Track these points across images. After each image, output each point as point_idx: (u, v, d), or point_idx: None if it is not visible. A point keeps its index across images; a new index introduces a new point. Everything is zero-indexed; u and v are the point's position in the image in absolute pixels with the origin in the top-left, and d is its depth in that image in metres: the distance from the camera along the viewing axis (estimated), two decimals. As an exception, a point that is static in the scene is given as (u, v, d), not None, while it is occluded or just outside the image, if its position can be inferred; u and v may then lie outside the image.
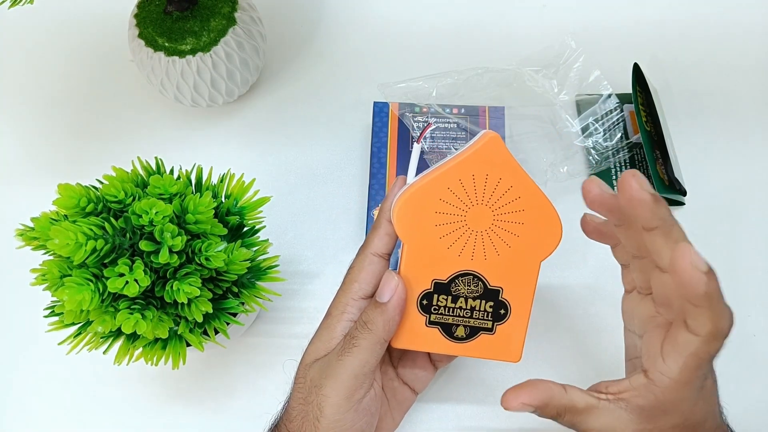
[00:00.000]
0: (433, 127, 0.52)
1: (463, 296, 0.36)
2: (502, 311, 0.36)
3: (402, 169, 0.51)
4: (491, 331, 0.37)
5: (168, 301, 0.37)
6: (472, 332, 0.37)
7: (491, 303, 0.36)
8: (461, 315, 0.36)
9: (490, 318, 0.36)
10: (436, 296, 0.36)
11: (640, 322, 0.35)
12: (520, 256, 0.35)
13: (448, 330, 0.36)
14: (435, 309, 0.36)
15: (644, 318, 0.34)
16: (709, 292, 0.29)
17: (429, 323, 0.36)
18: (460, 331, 0.37)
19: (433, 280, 0.35)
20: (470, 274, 0.35)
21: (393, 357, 0.41)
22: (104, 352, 0.39)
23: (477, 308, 0.36)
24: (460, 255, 0.35)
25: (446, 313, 0.36)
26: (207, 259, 0.37)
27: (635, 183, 0.30)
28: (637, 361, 0.35)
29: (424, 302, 0.36)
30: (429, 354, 0.41)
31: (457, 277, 0.35)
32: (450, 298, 0.36)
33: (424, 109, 0.53)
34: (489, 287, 0.36)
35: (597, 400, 0.33)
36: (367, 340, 0.34)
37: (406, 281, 0.35)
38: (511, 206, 0.34)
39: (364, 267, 0.37)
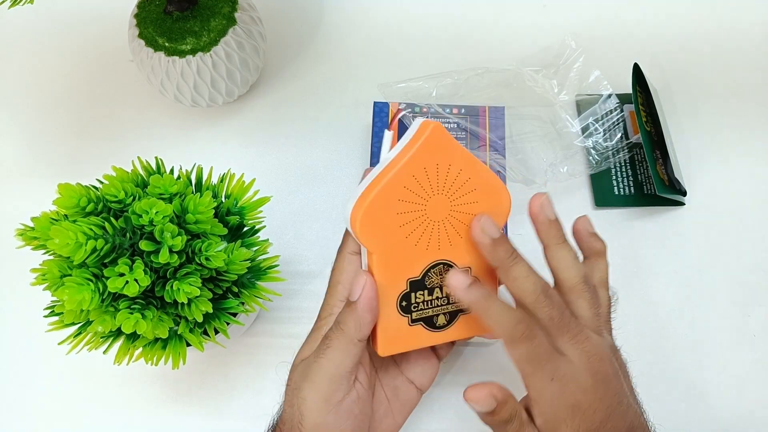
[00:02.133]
0: (403, 113, 0.52)
1: (437, 286, 0.36)
2: None
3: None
4: (468, 310, 0.37)
5: (168, 300, 0.37)
6: (452, 317, 0.37)
7: None
8: (439, 304, 0.37)
9: None
10: (413, 295, 0.36)
11: None
12: None
13: (430, 322, 0.37)
14: (414, 307, 0.36)
15: None
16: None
17: (411, 322, 0.36)
18: (441, 320, 0.37)
19: (407, 279, 0.36)
20: (440, 263, 0.36)
21: (395, 355, 0.41)
22: (104, 352, 0.39)
23: None
24: (428, 248, 0.35)
25: (425, 307, 0.36)
26: (207, 259, 0.37)
27: (477, 226, 0.35)
28: None
29: (404, 303, 0.36)
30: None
31: (429, 269, 0.36)
32: (426, 291, 0.36)
33: (424, 109, 0.53)
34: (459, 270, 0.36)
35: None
36: (339, 340, 0.34)
37: (381, 287, 0.35)
38: (464, 188, 0.35)
39: (344, 268, 0.37)
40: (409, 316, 0.36)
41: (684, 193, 0.51)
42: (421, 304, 0.36)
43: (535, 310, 0.34)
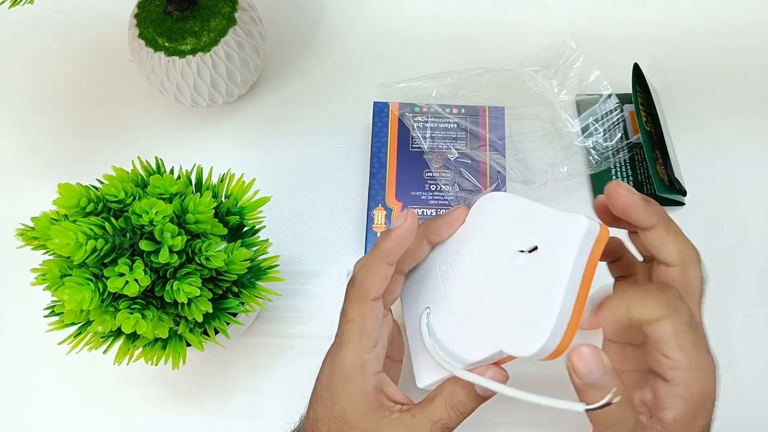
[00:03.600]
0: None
1: None
2: None
3: (402, 169, 0.51)
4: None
5: (168, 300, 0.37)
6: None
7: None
8: None
9: None
10: None
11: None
12: None
13: None
14: None
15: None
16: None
17: None
18: None
19: None
20: None
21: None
22: (104, 352, 0.39)
23: None
24: None
25: None
26: (207, 258, 0.37)
27: (624, 190, 0.32)
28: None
29: None
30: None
31: None
32: None
33: (424, 109, 0.53)
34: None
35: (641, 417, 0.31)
36: (459, 423, 0.33)
37: None
38: None
39: (366, 316, 0.34)
40: None
41: (684, 193, 0.51)
42: None
43: (694, 271, 0.33)
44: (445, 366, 0.33)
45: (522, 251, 0.32)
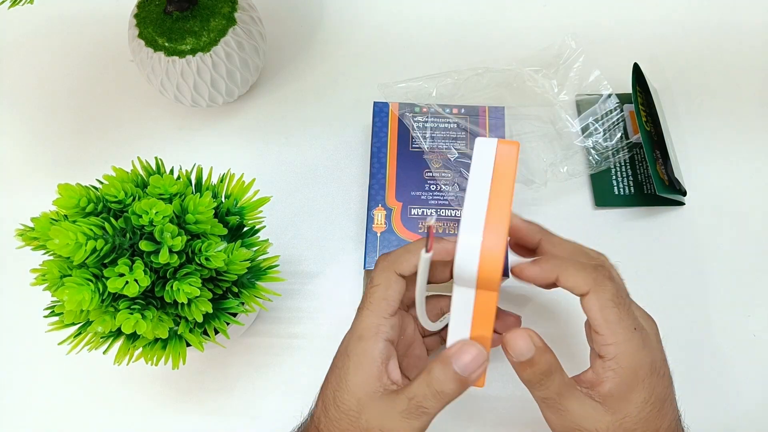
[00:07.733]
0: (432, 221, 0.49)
1: None
2: None
3: (402, 169, 0.51)
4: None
5: (168, 301, 0.37)
6: None
7: None
8: None
9: None
10: None
11: None
12: None
13: None
14: None
15: None
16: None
17: None
18: None
19: None
20: None
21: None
22: (104, 352, 0.39)
23: None
24: None
25: None
26: (207, 259, 0.37)
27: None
28: None
29: None
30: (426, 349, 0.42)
31: None
32: None
33: (424, 109, 0.53)
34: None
35: (580, 388, 0.34)
36: (438, 407, 0.33)
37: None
38: None
39: (390, 285, 0.35)
40: None
41: (684, 193, 0.51)
42: None
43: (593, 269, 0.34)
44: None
45: None
